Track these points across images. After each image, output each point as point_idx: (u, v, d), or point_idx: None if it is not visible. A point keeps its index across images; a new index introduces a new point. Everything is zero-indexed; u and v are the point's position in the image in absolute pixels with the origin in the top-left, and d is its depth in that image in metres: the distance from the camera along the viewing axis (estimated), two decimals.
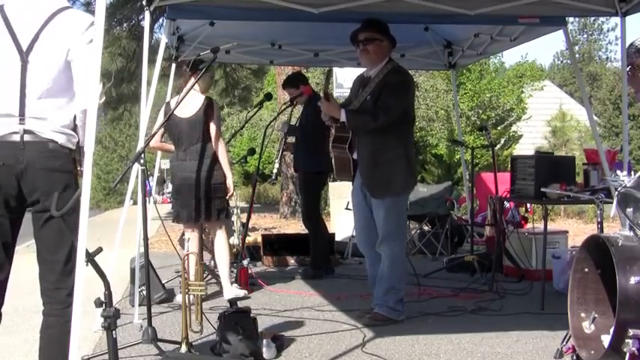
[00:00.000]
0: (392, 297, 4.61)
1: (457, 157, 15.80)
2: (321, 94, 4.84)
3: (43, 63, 2.62)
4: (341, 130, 4.74)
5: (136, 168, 4.12)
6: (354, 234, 7.31)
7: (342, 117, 4.58)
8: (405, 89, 4.61)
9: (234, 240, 6.82)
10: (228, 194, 5.30)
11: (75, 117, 2.70)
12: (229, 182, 5.27)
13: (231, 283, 5.40)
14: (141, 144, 4.45)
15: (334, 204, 9.48)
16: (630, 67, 3.64)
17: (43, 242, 2.68)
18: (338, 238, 7.91)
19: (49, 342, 2.67)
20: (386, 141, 4.54)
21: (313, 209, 6.62)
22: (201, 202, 5.15)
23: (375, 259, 4.74)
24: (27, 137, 2.60)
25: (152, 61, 5.59)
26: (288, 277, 6.55)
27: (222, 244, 5.32)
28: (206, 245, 6.04)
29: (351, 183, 4.89)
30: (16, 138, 2.59)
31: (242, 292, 5.41)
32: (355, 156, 4.71)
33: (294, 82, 6.42)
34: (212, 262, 6.11)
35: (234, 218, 7.00)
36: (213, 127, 5.21)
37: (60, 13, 2.67)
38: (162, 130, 5.25)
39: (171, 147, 5.42)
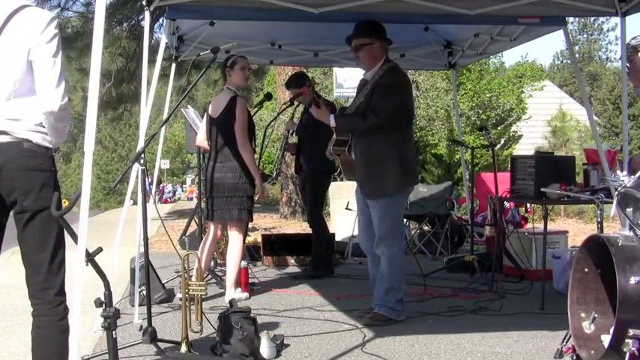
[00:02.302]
0: (392, 297, 4.61)
1: (457, 157, 15.78)
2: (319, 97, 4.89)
3: (5, 65, 2.57)
4: (341, 134, 4.78)
5: (136, 168, 4.12)
6: (354, 234, 7.31)
7: (332, 122, 4.64)
8: (396, 90, 4.58)
9: None
10: (257, 196, 5.32)
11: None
12: (257, 183, 5.29)
13: (235, 288, 5.37)
14: (141, 144, 4.45)
15: (334, 204, 9.48)
16: (630, 61, 3.66)
17: (27, 243, 2.65)
18: (338, 238, 7.91)
19: (42, 342, 2.65)
20: (377, 142, 4.55)
21: (318, 210, 6.63)
22: (216, 202, 5.23)
23: (375, 259, 4.74)
24: (1, 138, 2.56)
25: (152, 61, 5.59)
26: (288, 277, 6.55)
27: (235, 247, 5.31)
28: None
29: (356, 183, 4.91)
30: None
31: (244, 296, 5.40)
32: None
33: (298, 82, 6.40)
34: (212, 263, 6.11)
35: None
36: (236, 128, 5.21)
37: (18, 13, 2.60)
38: (205, 128, 5.50)
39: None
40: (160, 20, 9.78)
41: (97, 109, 2.80)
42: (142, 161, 3.90)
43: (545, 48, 79.68)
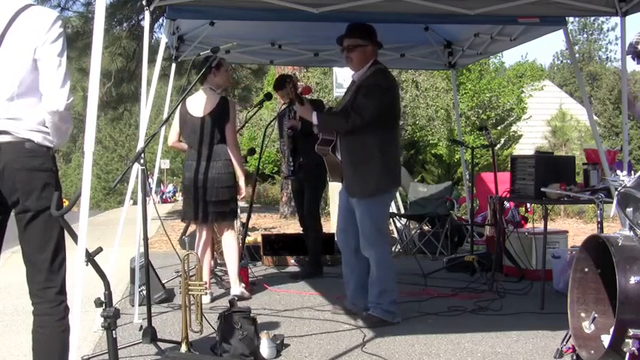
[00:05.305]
0: (385, 299, 4.61)
1: (457, 157, 15.79)
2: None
3: (10, 64, 2.56)
4: (327, 133, 4.79)
5: (136, 168, 4.12)
6: None
7: (315, 120, 4.66)
8: (380, 92, 4.59)
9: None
10: (240, 195, 5.31)
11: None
12: (241, 183, 5.29)
13: (239, 282, 5.39)
14: (141, 144, 4.45)
15: (334, 204, 9.49)
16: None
17: (28, 243, 2.64)
18: None
19: (43, 341, 2.65)
20: (360, 142, 4.57)
21: (317, 209, 6.64)
22: (210, 204, 5.19)
23: (348, 260, 4.82)
24: (2, 138, 2.56)
25: (152, 61, 5.59)
26: (288, 277, 6.55)
27: (231, 243, 5.33)
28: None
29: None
30: None
31: (247, 294, 5.42)
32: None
33: (280, 85, 6.31)
34: (212, 262, 6.10)
35: None
36: (228, 128, 5.22)
37: (23, 12, 2.59)
38: (178, 129, 5.38)
39: (185, 146, 5.42)
40: (160, 20, 9.79)
41: (97, 109, 2.80)
42: (142, 161, 3.90)
43: (545, 48, 79.79)
